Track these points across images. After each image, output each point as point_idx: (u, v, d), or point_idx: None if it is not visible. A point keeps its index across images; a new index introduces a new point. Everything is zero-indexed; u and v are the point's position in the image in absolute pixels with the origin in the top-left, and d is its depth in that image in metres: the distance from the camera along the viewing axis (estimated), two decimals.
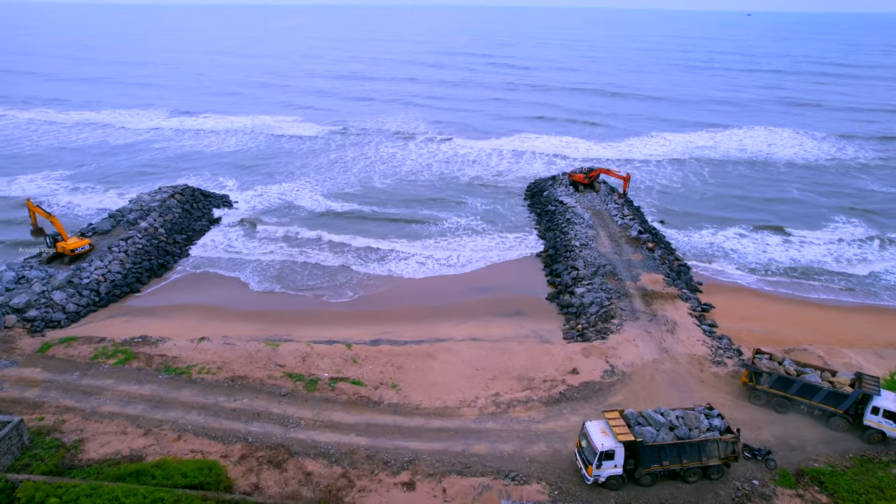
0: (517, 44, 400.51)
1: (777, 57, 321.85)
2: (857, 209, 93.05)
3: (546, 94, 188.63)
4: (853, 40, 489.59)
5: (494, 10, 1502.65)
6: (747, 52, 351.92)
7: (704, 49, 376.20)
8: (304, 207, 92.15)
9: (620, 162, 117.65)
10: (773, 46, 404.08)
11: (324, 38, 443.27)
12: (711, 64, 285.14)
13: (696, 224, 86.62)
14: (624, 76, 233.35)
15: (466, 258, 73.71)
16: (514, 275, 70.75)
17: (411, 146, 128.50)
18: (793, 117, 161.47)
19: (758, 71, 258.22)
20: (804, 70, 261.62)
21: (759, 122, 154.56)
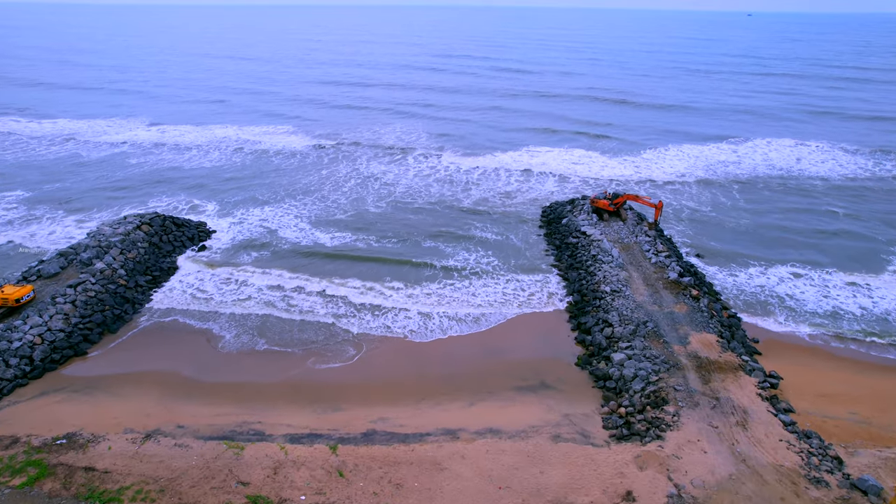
0: (517, 46, 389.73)
1: (787, 60, 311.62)
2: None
3: (551, 103, 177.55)
4: (860, 41, 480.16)
5: (490, 10, 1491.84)
6: (754, 55, 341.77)
7: (710, 51, 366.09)
8: (290, 240, 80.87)
9: (640, 181, 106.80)
10: (780, 48, 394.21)
11: (317, 41, 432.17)
12: (721, 67, 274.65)
13: (738, 260, 75.64)
14: (631, 81, 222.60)
15: (478, 310, 62.30)
16: (536, 331, 59.64)
17: (409, 162, 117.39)
18: (816, 126, 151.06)
19: (770, 75, 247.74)
20: (818, 74, 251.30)
21: (780, 132, 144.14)
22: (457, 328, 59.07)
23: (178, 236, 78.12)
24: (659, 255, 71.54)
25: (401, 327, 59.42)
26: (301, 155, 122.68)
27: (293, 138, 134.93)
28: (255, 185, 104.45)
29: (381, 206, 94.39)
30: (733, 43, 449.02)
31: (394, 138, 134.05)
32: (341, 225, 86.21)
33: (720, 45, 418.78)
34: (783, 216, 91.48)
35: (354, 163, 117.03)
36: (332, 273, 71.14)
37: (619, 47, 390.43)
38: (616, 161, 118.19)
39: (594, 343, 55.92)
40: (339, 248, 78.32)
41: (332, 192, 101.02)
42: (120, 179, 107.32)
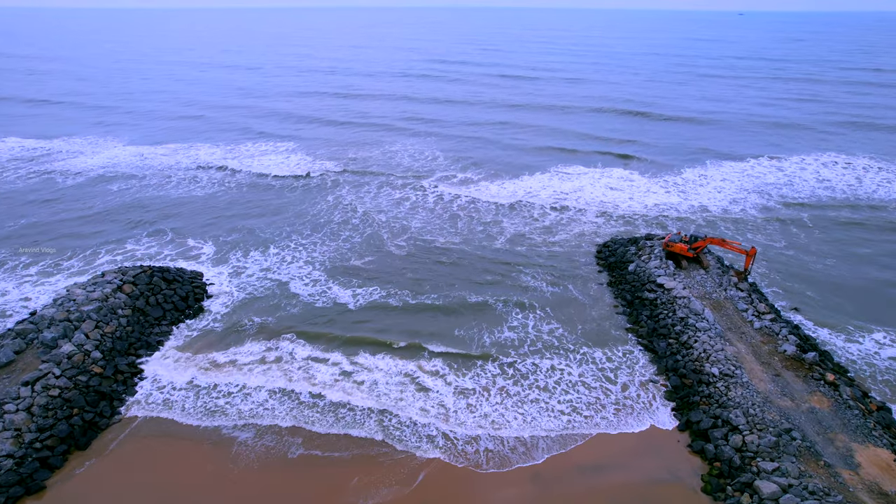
0: (517, 49, 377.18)
1: (798, 62, 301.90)
2: None
3: (566, 116, 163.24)
4: (863, 41, 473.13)
5: (486, 11, 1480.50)
6: (763, 56, 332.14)
7: (717, 52, 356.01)
8: (303, 298, 66.80)
9: (692, 211, 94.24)
10: (785, 49, 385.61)
11: (308, 45, 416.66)
12: (733, 71, 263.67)
13: (846, 317, 62.86)
14: (644, 88, 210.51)
15: (557, 421, 47.09)
16: (633, 436, 46.25)
17: (424, 190, 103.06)
18: (854, 138, 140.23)
19: (788, 79, 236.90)
20: (836, 78, 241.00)
21: (820, 146, 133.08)
22: (530, 458, 44.60)
23: (169, 296, 63.75)
24: (762, 318, 58.53)
25: (464, 445, 45.17)
26: (302, 181, 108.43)
27: (292, 161, 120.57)
28: (253, 218, 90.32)
29: (402, 245, 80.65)
30: (738, 44, 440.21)
31: (403, 161, 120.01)
32: (362, 274, 72.31)
33: (724, 46, 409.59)
34: (875, 252, 79.13)
35: (362, 190, 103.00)
36: (356, 349, 57.04)
37: (622, 49, 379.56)
38: (657, 185, 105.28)
39: (721, 458, 42.63)
40: (366, 309, 64.37)
41: (342, 227, 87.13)
42: (97, 213, 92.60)
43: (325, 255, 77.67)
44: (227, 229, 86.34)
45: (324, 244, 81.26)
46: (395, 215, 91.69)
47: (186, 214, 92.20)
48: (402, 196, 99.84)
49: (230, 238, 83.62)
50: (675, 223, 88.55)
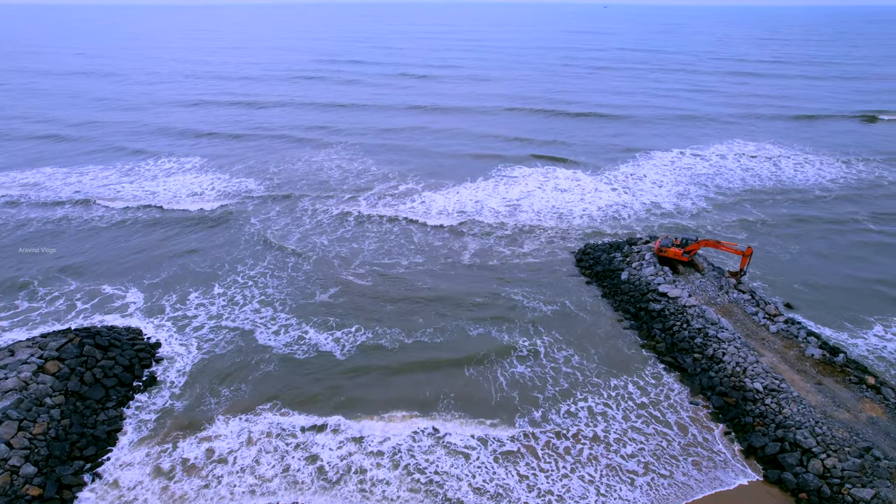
0: (408, 46, 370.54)
1: (677, 53, 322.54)
2: None
3: (485, 118, 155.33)
4: (719, 33, 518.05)
5: (360, 6, 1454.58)
6: (644, 47, 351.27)
7: (600, 45, 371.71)
8: (277, 350, 56.56)
9: (647, 209, 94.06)
10: (660, 40, 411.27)
11: (179, 48, 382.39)
12: (625, 63, 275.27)
13: (838, 309, 63.86)
14: (548, 84, 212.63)
15: (636, 488, 40.61)
16: (705, 476, 42.37)
17: (363, 206, 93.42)
18: (752, 126, 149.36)
19: (673, 70, 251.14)
20: (714, 69, 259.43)
21: (727, 134, 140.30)
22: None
23: (109, 368, 50.97)
24: (776, 321, 57.45)
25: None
26: (223, 204, 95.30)
27: (204, 182, 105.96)
28: (178, 254, 77.15)
29: (363, 273, 71.97)
30: (615, 35, 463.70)
31: (333, 175, 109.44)
32: (335, 312, 63.10)
33: (604, 38, 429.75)
34: (831, 239, 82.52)
35: (296, 210, 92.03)
36: (362, 411, 48.45)
37: (511, 44, 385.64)
38: (603, 184, 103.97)
39: (806, 488, 39.80)
40: (357, 356, 55.58)
41: (288, 256, 76.73)
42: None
43: (281, 292, 67.30)
44: (150, 268, 72.91)
45: (275, 278, 70.67)
46: (340, 237, 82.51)
47: (91, 253, 76.99)
48: (343, 214, 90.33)
49: (157, 279, 70.56)
50: (639, 224, 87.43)
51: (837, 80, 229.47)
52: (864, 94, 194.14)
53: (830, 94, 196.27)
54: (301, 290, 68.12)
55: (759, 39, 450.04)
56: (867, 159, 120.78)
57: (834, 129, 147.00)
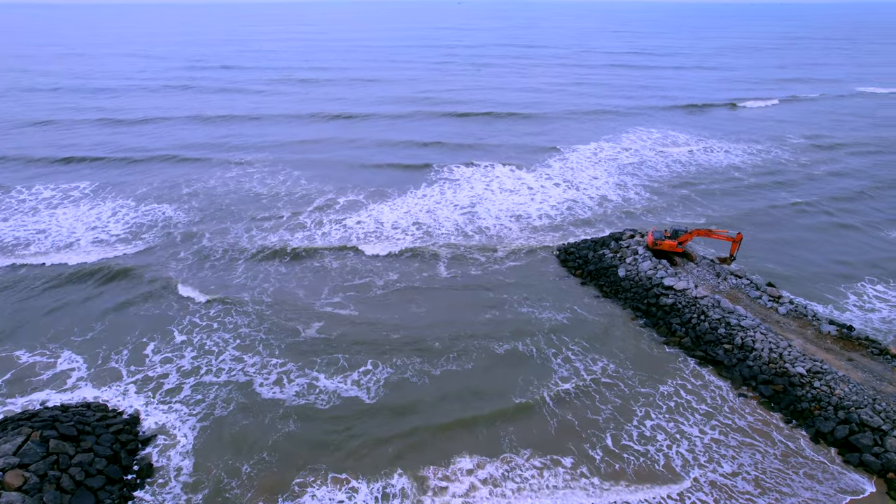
0: (280, 49, 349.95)
1: (548, 46, 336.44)
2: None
3: (399, 124, 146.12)
4: (576, 26, 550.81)
5: (186, 8, 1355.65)
6: (516, 42, 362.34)
7: (473, 41, 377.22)
8: (290, 403, 48.31)
9: (600, 203, 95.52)
10: (528, 35, 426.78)
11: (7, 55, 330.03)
12: (506, 60, 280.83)
13: (810, 285, 68.11)
14: (442, 84, 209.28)
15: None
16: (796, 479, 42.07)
17: (308, 224, 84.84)
18: (652, 117, 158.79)
19: (551, 65, 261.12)
20: (584, 62, 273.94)
21: (632, 124, 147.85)
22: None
23: (89, 463, 39.87)
24: (781, 302, 59.61)
25: None
26: (144, 233, 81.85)
27: (103, 212, 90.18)
28: (113, 299, 64.37)
29: (340, 301, 64.66)
30: (484, 31, 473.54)
31: (258, 195, 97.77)
32: (336, 347, 55.65)
33: (474, 34, 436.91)
34: (774, 217, 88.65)
35: (230, 238, 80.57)
36: (421, 457, 42.68)
37: (385, 43, 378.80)
38: (547, 182, 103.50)
39: (891, 466, 40.86)
40: (388, 397, 49.02)
41: (243, 289, 66.97)
42: None
43: (257, 331, 58.31)
44: (76, 324, 59.91)
45: (238, 314, 61.15)
46: (293, 262, 73.74)
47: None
48: (289, 237, 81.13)
49: (91, 335, 58.30)
50: (600, 219, 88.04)
51: (697, 70, 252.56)
52: (725, 83, 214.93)
53: (698, 83, 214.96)
54: (279, 327, 59.45)
55: (615, 32, 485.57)
56: (755, 141, 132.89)
57: (715, 116, 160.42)
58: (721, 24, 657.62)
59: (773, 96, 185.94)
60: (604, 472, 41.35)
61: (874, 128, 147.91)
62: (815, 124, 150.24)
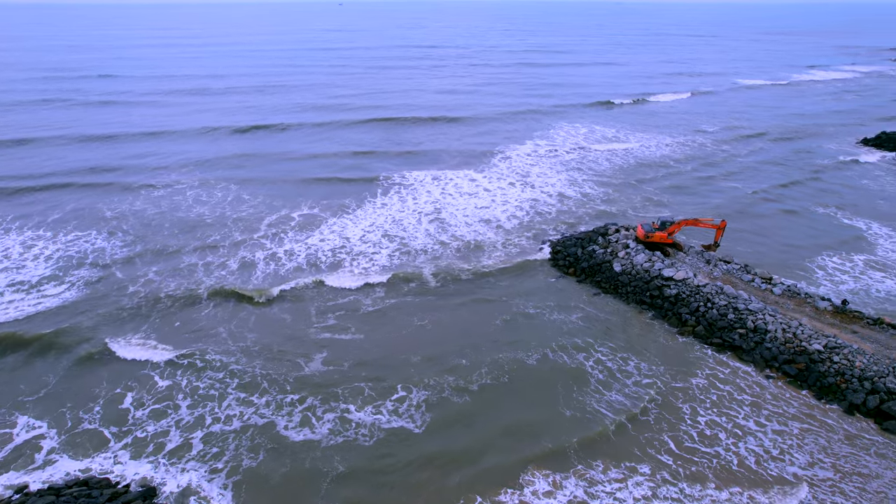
0: (157, 56, 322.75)
1: (444, 47, 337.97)
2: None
3: (323, 134, 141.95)
4: (463, 24, 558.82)
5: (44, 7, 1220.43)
6: (415, 44, 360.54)
7: (369, 43, 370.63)
8: (325, 443, 43.21)
9: (560, 199, 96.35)
10: (420, 36, 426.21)
11: None
12: (405, 62, 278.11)
13: (778, 265, 72.59)
14: (349, 88, 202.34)
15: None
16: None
17: (267, 245, 78.16)
18: (580, 113, 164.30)
19: (457, 66, 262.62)
20: (501, 62, 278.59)
21: (565, 121, 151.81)
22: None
23: None
24: (772, 284, 62.74)
25: None
26: (79, 271, 71.06)
27: (14, 246, 77.78)
28: (65, 350, 54.95)
29: (337, 325, 59.92)
30: (376, 32, 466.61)
31: (200, 216, 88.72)
32: (351, 376, 51.01)
33: (370, 37, 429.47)
34: (729, 202, 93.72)
35: (181, 266, 72.44)
36: (494, 479, 40.11)
37: (275, 47, 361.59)
38: (503, 182, 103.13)
39: None
40: (435, 423, 45.42)
41: (218, 322, 60.14)
42: None
43: (252, 367, 52.22)
44: (18, 380, 50.46)
45: (223, 354, 54.46)
46: (264, 285, 67.41)
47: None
48: (251, 255, 74.14)
49: (44, 391, 49.56)
50: (567, 216, 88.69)
51: (597, 66, 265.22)
52: (627, 78, 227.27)
53: (603, 79, 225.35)
54: (277, 359, 53.67)
55: (506, 31, 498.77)
56: (679, 132, 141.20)
57: (632, 110, 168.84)
58: (595, 21, 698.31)
59: (677, 90, 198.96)
60: (686, 476, 40.67)
61: (777, 117, 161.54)
62: (725, 115, 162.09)
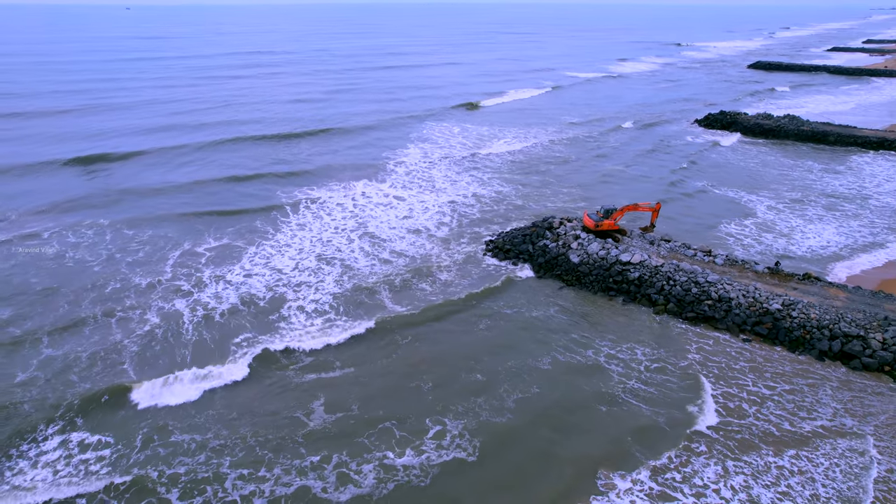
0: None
1: (279, 53, 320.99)
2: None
3: (192, 160, 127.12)
4: (288, 28, 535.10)
5: None
6: (245, 50, 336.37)
7: (191, 52, 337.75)
8: (370, 498, 38.45)
9: (478, 199, 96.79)
10: (254, 42, 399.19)
11: None
12: (243, 70, 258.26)
13: (695, 237, 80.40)
14: (192, 104, 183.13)
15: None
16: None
17: (185, 286, 68.23)
18: (437, 116, 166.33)
19: (295, 72, 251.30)
20: (336, 67, 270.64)
21: (430, 121, 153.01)
22: None
23: None
24: (713, 255, 69.06)
25: None
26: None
27: None
28: None
29: (321, 363, 53.98)
30: (188, 39, 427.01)
31: (82, 266, 73.94)
32: (366, 420, 45.73)
33: (186, 44, 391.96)
34: (635, 188, 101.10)
35: (84, 329, 59.62)
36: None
37: (70, 57, 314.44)
38: (412, 190, 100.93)
39: (884, 361, 51.32)
40: (484, 447, 42.43)
41: (176, 416, 50.89)
42: None
43: (243, 440, 44.51)
44: None
45: (197, 430, 45.88)
46: (208, 326, 58.67)
47: None
48: (168, 304, 63.29)
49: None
50: (496, 215, 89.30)
51: (445, 66, 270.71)
52: (480, 77, 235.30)
53: (456, 78, 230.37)
54: (269, 421, 46.41)
55: (332, 34, 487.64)
56: (552, 126, 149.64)
57: (496, 108, 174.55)
58: (416, 22, 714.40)
59: (527, 86, 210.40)
60: (740, 447, 42.83)
61: (626, 107, 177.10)
62: (583, 107, 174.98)
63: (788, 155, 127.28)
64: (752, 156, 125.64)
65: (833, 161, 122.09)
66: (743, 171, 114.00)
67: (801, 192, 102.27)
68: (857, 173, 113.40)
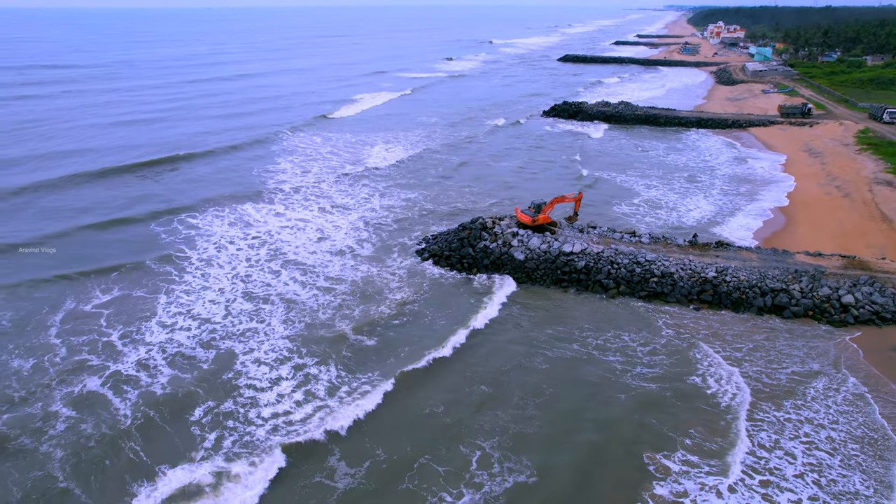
0: None
1: (78, 66, 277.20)
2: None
3: (63, 196, 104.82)
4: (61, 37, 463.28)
5: None
6: (118, 58, 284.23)
7: (45, 58, 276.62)
8: None
9: (388, 212, 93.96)
10: (119, 50, 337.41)
11: None
12: (47, 89, 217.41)
13: (592, 218, 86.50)
14: (42, 128, 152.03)
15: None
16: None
17: (123, 350, 57.31)
18: (316, 123, 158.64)
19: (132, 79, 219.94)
20: (160, 80, 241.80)
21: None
22: None
23: None
24: (638, 235, 74.74)
25: None
26: None
27: None
28: None
29: (315, 416, 48.69)
30: (58, 43, 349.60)
31: None
32: (391, 478, 42.51)
33: (53, 48, 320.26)
34: (532, 183, 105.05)
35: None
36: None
37: None
38: (315, 210, 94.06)
39: (807, 307, 59.96)
40: (556, 473, 41.37)
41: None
42: None
43: None
44: None
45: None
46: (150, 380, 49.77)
47: None
48: (77, 388, 51.80)
49: None
50: (410, 223, 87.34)
51: (275, 75, 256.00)
52: (313, 85, 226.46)
53: (293, 88, 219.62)
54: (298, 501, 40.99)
55: (121, 42, 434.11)
56: (420, 131, 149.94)
57: (358, 117, 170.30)
58: (199, 28, 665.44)
59: (380, 89, 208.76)
60: (750, 407, 46.95)
61: (480, 104, 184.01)
62: (443, 108, 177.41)
63: (634, 137, 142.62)
64: (610, 140, 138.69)
65: (672, 140, 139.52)
66: (610, 155, 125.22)
67: (661, 169, 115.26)
68: (695, 149, 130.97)
